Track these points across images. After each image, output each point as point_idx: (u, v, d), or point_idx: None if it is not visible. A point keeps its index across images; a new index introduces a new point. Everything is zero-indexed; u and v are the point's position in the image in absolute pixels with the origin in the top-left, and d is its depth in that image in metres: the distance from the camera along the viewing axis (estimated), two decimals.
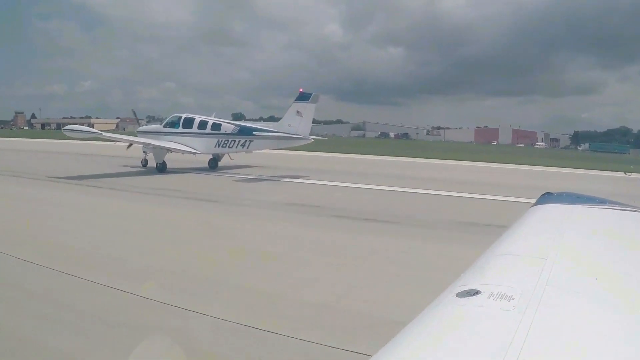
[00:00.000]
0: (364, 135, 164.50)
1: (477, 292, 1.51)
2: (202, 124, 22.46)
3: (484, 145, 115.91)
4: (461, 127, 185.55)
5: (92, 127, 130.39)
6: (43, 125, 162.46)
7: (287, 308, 5.83)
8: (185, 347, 4.66)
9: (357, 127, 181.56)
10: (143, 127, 24.27)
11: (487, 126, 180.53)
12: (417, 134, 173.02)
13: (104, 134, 20.50)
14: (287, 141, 21.79)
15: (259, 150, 22.60)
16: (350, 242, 9.52)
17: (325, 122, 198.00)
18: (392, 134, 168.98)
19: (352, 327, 5.30)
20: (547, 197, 3.23)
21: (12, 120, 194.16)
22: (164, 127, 23.05)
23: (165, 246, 8.82)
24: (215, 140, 22.26)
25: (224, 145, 22.22)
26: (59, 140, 41.80)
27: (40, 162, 25.96)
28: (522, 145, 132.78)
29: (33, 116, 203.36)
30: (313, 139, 22.55)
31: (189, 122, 22.61)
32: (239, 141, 21.96)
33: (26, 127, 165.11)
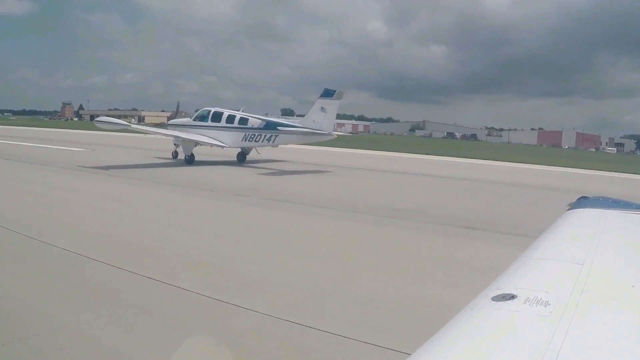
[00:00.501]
0: (430, 135, 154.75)
1: (512, 297, 1.50)
2: (230, 118, 23.06)
3: (556, 149, 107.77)
4: (522, 129, 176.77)
5: (143, 119, 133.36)
6: (92, 117, 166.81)
7: None
8: None
9: (416, 127, 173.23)
10: (174, 120, 25.09)
11: (541, 128, 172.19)
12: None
13: (132, 126, 21.40)
14: (311, 136, 22.15)
15: (284, 144, 23.05)
16: None
17: (379, 120, 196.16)
18: (457, 135, 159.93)
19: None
20: (582, 202, 3.17)
21: (59, 112, 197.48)
22: (193, 120, 23.79)
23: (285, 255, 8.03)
24: (243, 134, 22.82)
25: (251, 139, 22.76)
26: (107, 133, 40.97)
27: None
28: (593, 150, 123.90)
29: (81, 107, 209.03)
30: (337, 135, 22.82)
31: (217, 116, 23.25)
32: (265, 135, 22.45)
33: (75, 119, 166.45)
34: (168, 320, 5.20)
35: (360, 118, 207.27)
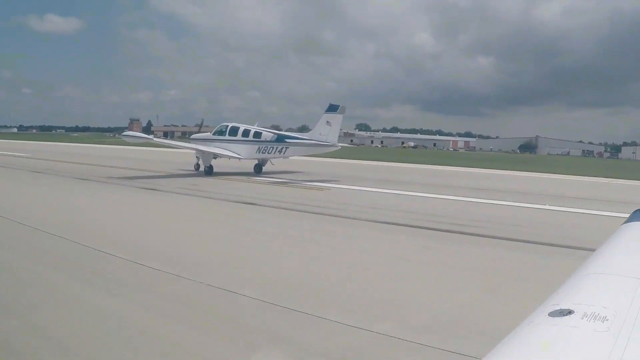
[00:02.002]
0: (568, 153, 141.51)
1: (570, 312, 1.50)
2: (246, 132, 25.16)
3: None
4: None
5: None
6: (165, 134, 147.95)
7: None
8: None
9: (528, 143, 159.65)
10: (196, 134, 27.41)
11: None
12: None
13: (154, 139, 23.82)
14: (318, 148, 23.99)
15: (293, 156, 24.96)
16: None
17: (482, 137, 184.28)
18: (595, 152, 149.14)
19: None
20: (638, 215, 3.12)
21: (127, 128, 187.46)
22: (213, 135, 26.03)
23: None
24: (257, 147, 24.85)
25: (264, 152, 24.76)
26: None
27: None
28: None
29: (150, 123, 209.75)
30: (341, 146, 24.51)
31: (234, 131, 25.40)
32: (277, 147, 24.41)
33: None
34: None
35: (411, 131, 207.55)
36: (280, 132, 25.81)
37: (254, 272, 7.62)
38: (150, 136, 24.58)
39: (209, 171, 24.54)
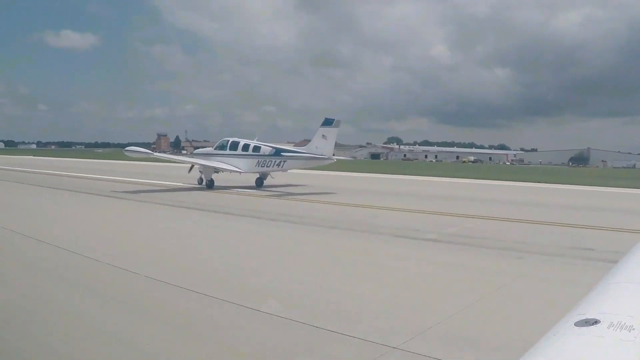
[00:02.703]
0: (634, 166, 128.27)
1: (596, 322, 1.49)
2: (245, 147, 25.92)
3: None
4: None
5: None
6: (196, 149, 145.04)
7: None
8: None
9: (580, 155, 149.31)
10: (198, 150, 28.32)
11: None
12: None
13: (155, 154, 24.78)
14: (315, 161, 24.61)
15: (291, 169, 25.64)
16: None
17: (527, 150, 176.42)
18: None
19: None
20: None
21: (154, 143, 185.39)
22: (215, 149, 26.88)
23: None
24: (256, 160, 25.58)
25: (263, 165, 25.48)
26: None
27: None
28: None
29: (177, 139, 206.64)
30: (337, 159, 25.14)
31: (234, 145, 26.19)
32: (275, 161, 25.12)
33: (168, 151, 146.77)
34: None
35: (424, 143, 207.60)
36: (278, 147, 26.51)
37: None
38: (150, 151, 25.43)
39: (210, 185, 25.33)
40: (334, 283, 8.07)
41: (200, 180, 26.91)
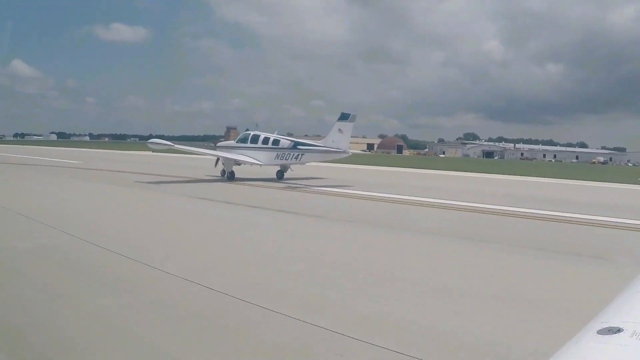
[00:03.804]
0: None
1: (619, 330, 1.49)
2: (265, 140, 26.58)
3: None
4: None
5: None
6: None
7: None
8: None
9: None
10: (221, 142, 29.21)
11: None
12: None
13: (175, 146, 25.82)
14: (331, 154, 25.05)
15: (309, 162, 26.15)
16: None
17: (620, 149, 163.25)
18: None
19: None
20: None
21: (222, 137, 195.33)
22: (236, 142, 27.68)
23: None
24: (275, 153, 26.20)
25: (282, 158, 26.08)
26: None
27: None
28: None
29: (247, 130, 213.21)
30: (352, 152, 25.44)
31: (255, 139, 26.89)
32: (293, 154, 25.66)
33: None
34: None
35: (470, 137, 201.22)
36: (297, 140, 27.06)
37: None
38: (171, 143, 26.44)
39: (231, 177, 26.11)
40: None
41: (223, 172, 27.80)
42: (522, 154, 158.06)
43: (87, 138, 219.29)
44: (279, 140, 26.36)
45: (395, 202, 18.48)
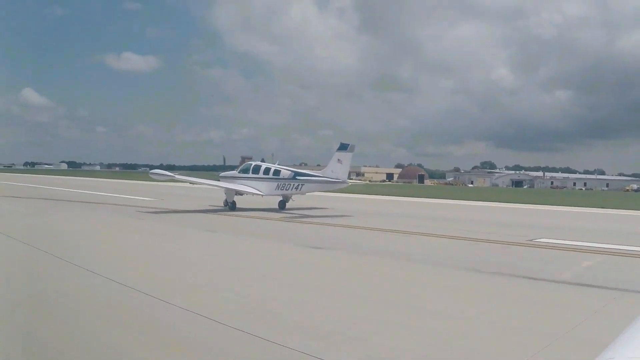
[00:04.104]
0: None
1: None
2: (266, 170, 26.96)
3: None
4: None
5: (363, 174, 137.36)
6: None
7: None
8: None
9: None
10: (224, 172, 29.63)
11: None
12: None
13: (176, 176, 26.31)
14: (330, 184, 25.31)
15: (309, 192, 26.42)
16: None
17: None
18: None
19: None
20: None
21: (237, 166, 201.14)
22: (238, 172, 28.08)
23: None
24: (276, 183, 26.53)
25: (282, 188, 26.38)
26: None
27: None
28: None
29: (263, 162, 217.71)
30: (351, 182, 25.70)
31: (256, 169, 27.29)
32: (294, 184, 25.98)
33: None
34: None
35: (487, 165, 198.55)
36: (297, 170, 27.42)
37: None
38: (172, 174, 26.91)
39: (232, 207, 26.43)
40: None
41: (226, 202, 28.15)
42: (552, 183, 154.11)
43: (98, 167, 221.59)
44: (280, 171, 26.73)
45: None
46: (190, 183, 29.05)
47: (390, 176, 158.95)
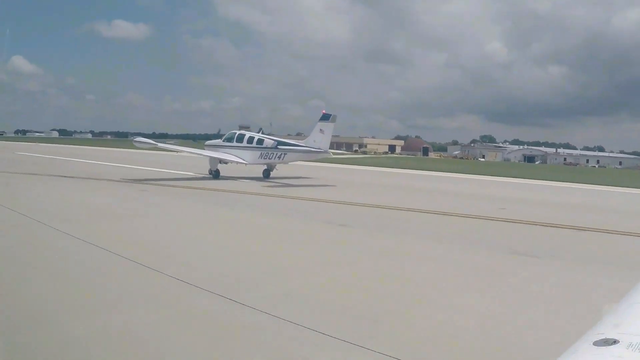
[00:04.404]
0: None
1: (615, 342, 1.48)
2: (250, 139, 27.18)
3: None
4: None
5: (366, 146, 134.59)
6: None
7: None
8: None
9: None
10: (209, 141, 29.85)
11: None
12: None
13: (159, 144, 26.57)
14: (312, 154, 25.63)
15: (291, 162, 26.76)
16: None
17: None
18: None
19: None
20: None
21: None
22: (223, 141, 28.29)
23: None
24: (259, 152, 26.80)
25: (265, 157, 26.68)
26: None
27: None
28: None
29: (261, 131, 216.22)
30: (333, 153, 26.06)
31: (240, 138, 27.49)
32: (276, 153, 26.27)
33: None
34: None
35: (486, 139, 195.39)
36: (280, 139, 27.68)
37: None
38: (155, 142, 27.13)
39: (216, 175, 26.77)
40: None
41: (210, 171, 28.46)
42: (565, 159, 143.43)
43: (90, 135, 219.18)
44: (263, 140, 26.97)
45: None
46: (172, 151, 29.27)
47: (392, 148, 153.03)
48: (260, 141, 26.97)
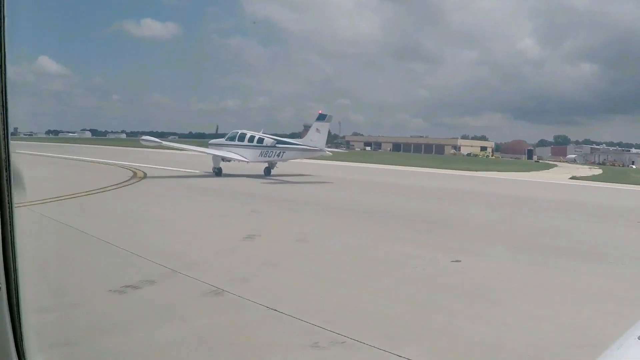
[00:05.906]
0: None
1: None
2: (251, 138, 28.08)
3: None
4: None
5: (459, 149, 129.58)
6: (348, 144, 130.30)
7: None
8: None
9: None
10: (213, 140, 30.73)
11: None
12: None
13: (163, 143, 27.62)
14: (309, 152, 26.44)
15: (290, 159, 27.47)
16: None
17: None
18: None
19: None
20: None
21: (300, 134, 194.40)
22: (226, 140, 29.16)
23: None
24: (260, 151, 27.65)
25: (265, 155, 27.51)
26: None
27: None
28: None
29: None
30: (330, 152, 26.64)
31: (242, 137, 28.41)
32: (275, 152, 27.08)
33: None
34: None
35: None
36: (279, 138, 28.38)
37: None
38: (160, 140, 28.23)
39: (219, 172, 27.64)
40: None
41: (214, 169, 29.32)
42: (632, 162, 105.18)
43: (124, 135, 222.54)
44: (263, 139, 27.81)
45: None
46: (176, 150, 30.27)
47: (483, 149, 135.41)
48: (260, 140, 27.82)
